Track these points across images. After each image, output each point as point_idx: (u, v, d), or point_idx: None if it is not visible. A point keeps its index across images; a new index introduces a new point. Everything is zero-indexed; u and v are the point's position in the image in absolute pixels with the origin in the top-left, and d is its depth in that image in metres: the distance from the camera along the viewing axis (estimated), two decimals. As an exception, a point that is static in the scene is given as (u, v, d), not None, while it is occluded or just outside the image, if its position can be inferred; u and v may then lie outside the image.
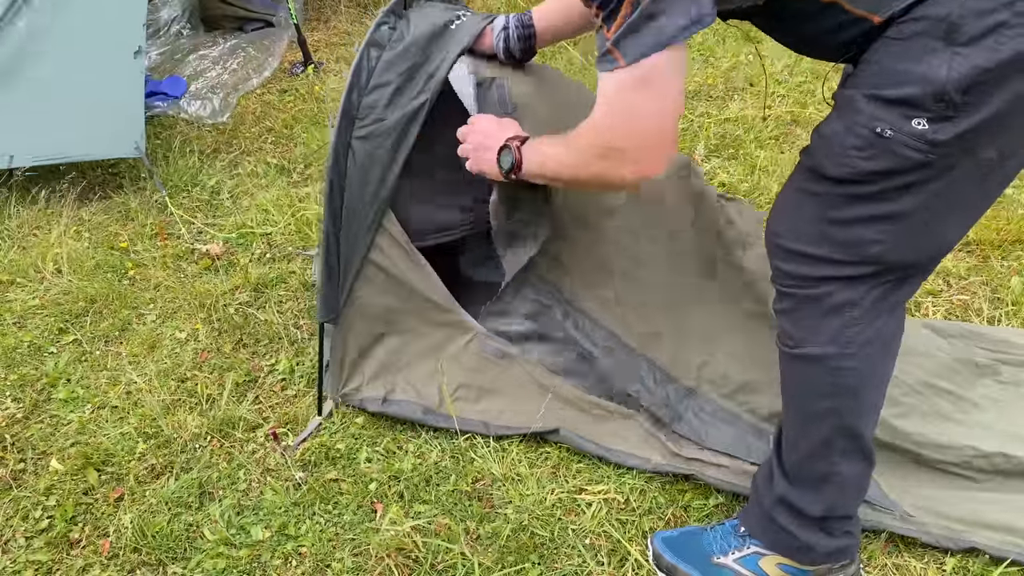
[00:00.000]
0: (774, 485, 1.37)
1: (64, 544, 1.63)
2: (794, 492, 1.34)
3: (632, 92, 1.13)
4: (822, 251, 1.18)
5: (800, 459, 1.33)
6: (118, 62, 2.71)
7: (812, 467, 1.32)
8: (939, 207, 1.12)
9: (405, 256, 1.72)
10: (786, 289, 1.25)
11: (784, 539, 1.38)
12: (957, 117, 1.03)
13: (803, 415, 1.31)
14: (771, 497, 1.37)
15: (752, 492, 1.46)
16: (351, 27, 4.17)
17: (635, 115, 1.16)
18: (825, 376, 1.25)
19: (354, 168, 1.65)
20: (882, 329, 1.23)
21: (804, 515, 1.33)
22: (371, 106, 1.63)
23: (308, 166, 3.00)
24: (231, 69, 3.61)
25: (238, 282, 2.35)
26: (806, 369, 1.28)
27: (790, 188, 1.25)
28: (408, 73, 1.63)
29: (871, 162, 1.09)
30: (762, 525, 1.41)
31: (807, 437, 1.31)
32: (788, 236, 1.22)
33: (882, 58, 1.08)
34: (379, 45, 1.65)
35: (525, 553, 1.55)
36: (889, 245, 1.14)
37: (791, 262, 1.22)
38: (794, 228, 1.22)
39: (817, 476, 1.32)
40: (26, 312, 2.30)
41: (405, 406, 1.81)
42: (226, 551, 1.59)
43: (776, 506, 1.37)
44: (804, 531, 1.35)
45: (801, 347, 1.26)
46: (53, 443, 1.86)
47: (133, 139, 2.73)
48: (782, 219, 1.25)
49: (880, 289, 1.20)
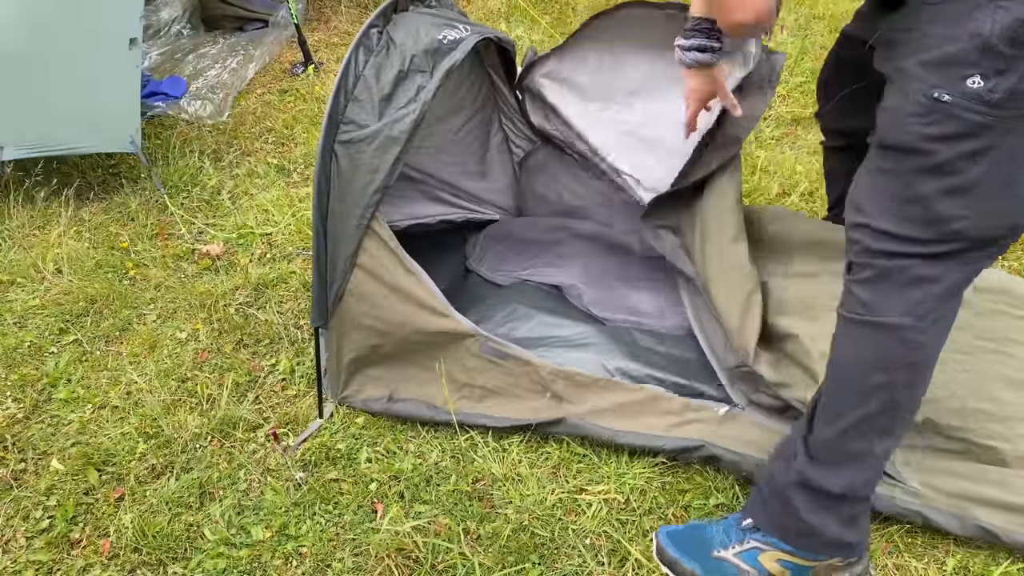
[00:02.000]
0: (794, 463, 1.36)
1: (65, 544, 1.63)
2: (815, 470, 1.33)
3: None
4: (904, 230, 1.19)
5: (835, 435, 1.31)
6: (113, 54, 2.65)
7: (846, 444, 1.31)
8: (1010, 171, 1.13)
9: (396, 261, 1.71)
10: (865, 260, 1.24)
11: (789, 521, 1.36)
12: (1008, 71, 1.05)
13: (852, 388, 1.30)
14: (788, 476, 1.36)
15: (762, 478, 1.45)
16: (351, 27, 4.16)
17: None
18: (894, 347, 1.24)
19: (337, 173, 1.65)
20: (953, 309, 1.25)
21: (821, 493, 1.32)
22: (354, 111, 1.63)
23: (308, 166, 3.00)
24: (231, 69, 3.60)
25: (238, 282, 2.35)
26: (873, 337, 1.26)
27: (864, 169, 1.26)
28: (396, 81, 1.63)
29: (932, 127, 1.11)
30: (769, 506, 1.40)
31: (850, 412, 1.29)
32: (870, 215, 1.23)
33: (928, 24, 1.11)
34: (368, 49, 1.65)
35: (525, 553, 1.55)
36: (969, 220, 1.15)
37: (873, 239, 1.22)
38: (874, 207, 1.22)
39: (849, 454, 1.31)
40: (26, 312, 2.30)
41: (410, 405, 1.81)
42: (226, 551, 1.59)
43: (792, 485, 1.35)
44: (814, 512, 1.34)
45: (874, 315, 1.24)
46: (54, 443, 1.86)
47: (128, 134, 2.69)
48: (861, 199, 1.25)
49: (960, 268, 1.21)
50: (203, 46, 3.77)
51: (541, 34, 3.76)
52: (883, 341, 1.25)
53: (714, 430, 1.67)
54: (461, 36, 1.74)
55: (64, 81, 2.61)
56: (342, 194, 1.66)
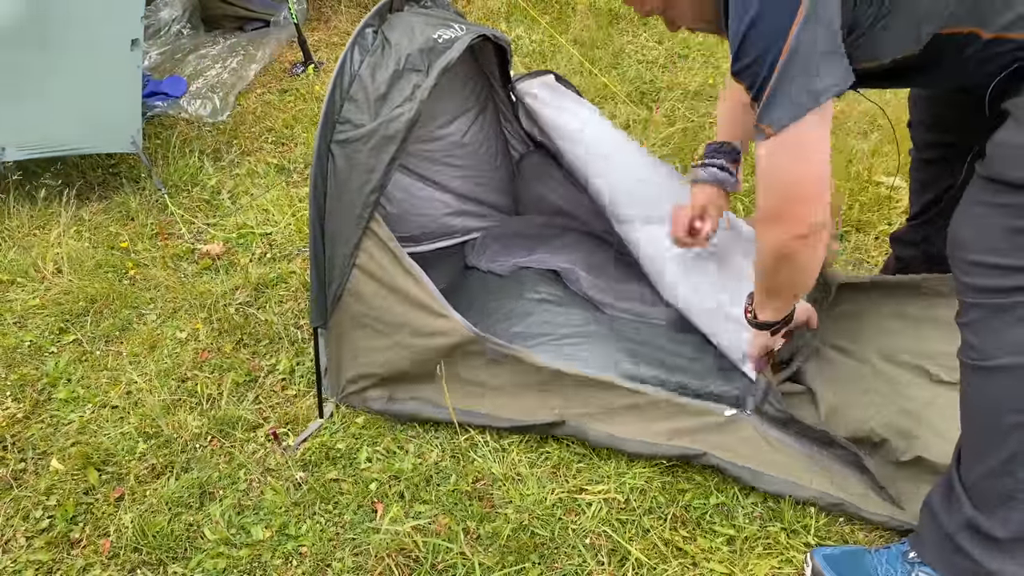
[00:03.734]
0: (957, 508, 1.31)
1: (64, 544, 1.64)
2: (979, 514, 1.28)
3: (782, 156, 1.24)
4: (1012, 260, 1.17)
5: (981, 477, 1.28)
6: (115, 55, 2.66)
7: (996, 485, 1.26)
8: None
9: (394, 261, 1.71)
10: (974, 301, 1.23)
11: (966, 565, 1.32)
12: None
13: (987, 431, 1.26)
14: (954, 521, 1.32)
15: (925, 516, 1.39)
16: (351, 27, 4.16)
17: (789, 174, 1.26)
18: (1017, 387, 1.21)
19: (333, 173, 1.65)
20: None
21: (990, 538, 1.29)
22: (350, 111, 1.63)
23: (308, 166, 3.00)
24: (231, 68, 3.61)
25: (238, 282, 2.35)
26: (994, 381, 1.23)
27: (970, 202, 1.24)
28: (391, 80, 1.63)
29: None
30: (941, 551, 1.35)
31: (991, 454, 1.26)
32: (976, 249, 1.21)
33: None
34: (364, 49, 1.65)
35: (525, 553, 1.55)
36: None
37: (980, 275, 1.21)
38: (981, 241, 1.20)
39: (1002, 494, 1.27)
40: (26, 312, 2.30)
41: (410, 404, 1.81)
42: (226, 551, 1.59)
43: (961, 530, 1.31)
44: (988, 556, 1.29)
45: (990, 359, 1.22)
46: (53, 443, 1.86)
47: (129, 134, 2.70)
48: (967, 233, 1.23)
49: None
50: (203, 46, 3.78)
51: (541, 34, 3.76)
52: (1005, 384, 1.22)
53: (717, 439, 1.66)
54: (456, 35, 1.74)
55: (66, 83, 2.62)
56: (339, 194, 1.66)
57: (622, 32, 3.81)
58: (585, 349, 1.89)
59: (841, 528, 1.57)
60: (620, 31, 3.82)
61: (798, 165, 1.24)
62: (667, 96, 3.22)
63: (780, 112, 1.18)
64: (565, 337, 1.94)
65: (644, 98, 3.24)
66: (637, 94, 3.26)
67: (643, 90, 3.28)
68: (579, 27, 3.80)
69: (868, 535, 1.56)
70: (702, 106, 3.16)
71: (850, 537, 1.56)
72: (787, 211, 1.29)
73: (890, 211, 2.46)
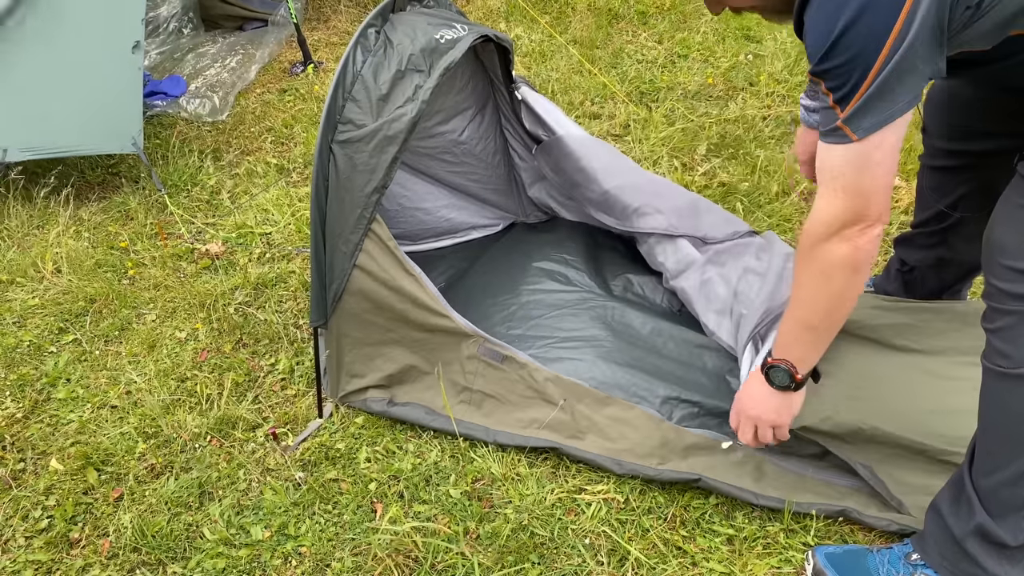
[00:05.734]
0: (968, 513, 1.30)
1: (64, 544, 1.63)
2: (992, 521, 1.27)
3: (862, 160, 1.18)
4: None
5: (1000, 485, 1.26)
6: (116, 56, 2.68)
7: (1014, 494, 1.25)
8: None
9: (395, 262, 1.71)
10: (1004, 307, 1.20)
11: (972, 571, 1.31)
12: None
13: (1012, 439, 1.24)
14: (964, 525, 1.30)
15: (931, 519, 1.39)
16: (351, 26, 4.16)
17: (862, 182, 1.19)
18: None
19: (335, 173, 1.65)
20: None
21: (1000, 545, 1.28)
22: (352, 111, 1.63)
23: (308, 165, 3.00)
24: (230, 67, 3.61)
25: (238, 282, 2.35)
26: (1021, 389, 1.21)
27: (1010, 204, 1.22)
28: (393, 80, 1.63)
29: None
30: (946, 554, 1.35)
31: (1011, 462, 1.24)
32: (1013, 254, 1.18)
33: None
34: (366, 49, 1.65)
35: (525, 553, 1.55)
36: None
37: (1014, 280, 1.18)
38: (1020, 245, 1.18)
39: (1019, 503, 1.26)
40: (26, 312, 2.30)
41: (409, 409, 1.81)
42: (226, 551, 1.59)
43: (970, 536, 1.30)
44: (996, 563, 1.29)
45: (1018, 367, 1.19)
46: (53, 443, 1.86)
47: (130, 135, 2.71)
48: (1009, 239, 1.20)
49: None
50: (203, 45, 3.78)
51: (540, 34, 3.76)
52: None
53: (713, 462, 1.64)
54: (458, 35, 1.74)
55: (67, 84, 2.64)
56: (340, 194, 1.66)
57: (621, 32, 3.81)
58: (583, 355, 1.89)
59: (841, 528, 1.57)
60: (620, 31, 3.82)
61: (877, 170, 1.18)
62: (667, 96, 3.22)
63: (872, 119, 1.11)
64: (564, 342, 1.94)
65: (644, 98, 3.24)
66: (637, 94, 3.26)
67: (643, 90, 3.28)
68: (579, 27, 3.80)
69: (868, 535, 1.56)
70: (700, 106, 3.16)
71: (850, 537, 1.56)
72: (861, 215, 1.21)
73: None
